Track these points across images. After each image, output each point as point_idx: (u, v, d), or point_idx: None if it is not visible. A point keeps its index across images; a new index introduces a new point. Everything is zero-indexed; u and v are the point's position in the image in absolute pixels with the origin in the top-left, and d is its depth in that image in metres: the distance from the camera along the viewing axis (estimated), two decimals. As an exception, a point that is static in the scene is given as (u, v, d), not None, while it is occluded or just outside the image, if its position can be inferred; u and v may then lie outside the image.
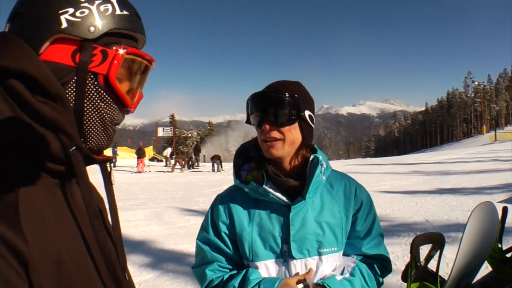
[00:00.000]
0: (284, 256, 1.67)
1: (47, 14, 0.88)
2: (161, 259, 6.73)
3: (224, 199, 1.82)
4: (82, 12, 0.90)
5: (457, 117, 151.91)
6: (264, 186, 1.66)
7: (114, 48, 0.95)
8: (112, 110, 0.98)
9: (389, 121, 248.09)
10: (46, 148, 0.85)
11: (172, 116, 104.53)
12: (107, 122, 0.97)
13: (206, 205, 12.29)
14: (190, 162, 32.03)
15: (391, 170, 23.09)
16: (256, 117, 1.68)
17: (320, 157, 1.71)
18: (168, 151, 35.58)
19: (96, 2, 0.92)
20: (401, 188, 14.35)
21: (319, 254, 1.68)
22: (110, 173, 1.07)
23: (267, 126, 1.64)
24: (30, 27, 0.89)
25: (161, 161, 39.82)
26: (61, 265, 0.81)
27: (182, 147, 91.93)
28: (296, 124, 1.66)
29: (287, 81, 1.74)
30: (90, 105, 0.93)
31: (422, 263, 1.76)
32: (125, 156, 41.01)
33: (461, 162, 26.21)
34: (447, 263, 4.82)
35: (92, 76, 0.93)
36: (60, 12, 0.88)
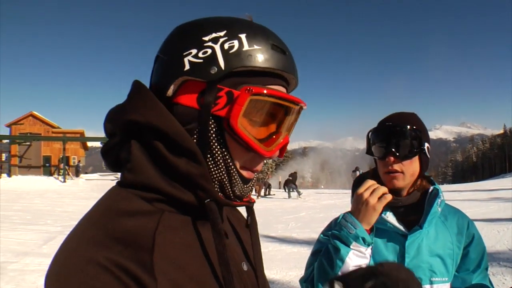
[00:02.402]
0: None
1: (174, 56, 0.87)
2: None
3: None
4: (204, 53, 0.85)
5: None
6: (383, 215, 1.69)
7: (241, 88, 0.85)
8: (239, 155, 0.90)
9: (467, 145, 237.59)
10: (181, 201, 0.85)
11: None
12: (230, 163, 0.89)
13: (284, 232, 12.26)
14: (268, 190, 31.99)
15: (471, 197, 22.06)
16: (380, 149, 1.75)
17: (439, 189, 1.75)
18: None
19: (221, 40, 0.86)
20: (482, 216, 13.63)
21: (431, 283, 1.70)
22: (249, 217, 1.04)
23: (391, 159, 1.70)
24: (161, 72, 0.89)
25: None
26: None
27: (258, 174, 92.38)
28: (416, 157, 1.72)
29: (406, 113, 1.81)
30: (215, 152, 0.88)
31: None
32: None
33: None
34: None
35: (216, 119, 0.87)
36: (184, 54, 0.86)
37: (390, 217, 1.73)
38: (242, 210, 1.10)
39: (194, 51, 0.85)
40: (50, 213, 16.70)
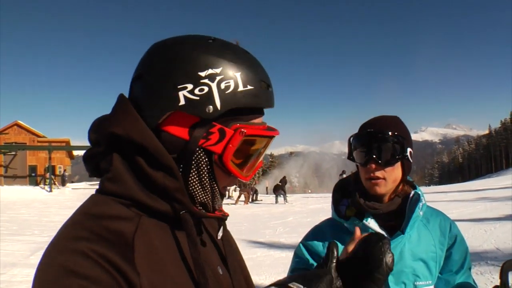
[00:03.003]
0: None
1: (166, 87, 0.89)
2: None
3: (323, 230, 1.88)
4: (201, 90, 0.88)
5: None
6: (364, 221, 1.70)
7: (232, 126, 0.91)
8: (223, 181, 0.98)
9: (452, 146, 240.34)
10: (158, 211, 0.90)
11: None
12: (216, 188, 0.97)
13: (272, 237, 12.27)
14: (255, 195, 32.09)
15: (457, 198, 22.48)
16: (361, 155, 1.73)
17: (420, 193, 1.74)
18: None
19: (218, 78, 0.89)
20: (469, 216, 13.90)
21: (415, 287, 1.70)
22: (221, 227, 1.10)
23: (373, 166, 1.68)
24: (149, 97, 0.91)
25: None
26: None
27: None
28: (399, 163, 1.70)
29: (388, 117, 1.79)
30: (201, 177, 0.94)
31: None
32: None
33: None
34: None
35: (206, 153, 0.92)
36: (179, 87, 0.88)
37: (371, 223, 1.72)
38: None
39: (190, 87, 0.88)
40: (37, 223, 16.52)
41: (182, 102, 0.88)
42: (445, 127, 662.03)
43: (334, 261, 1.04)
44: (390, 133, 1.68)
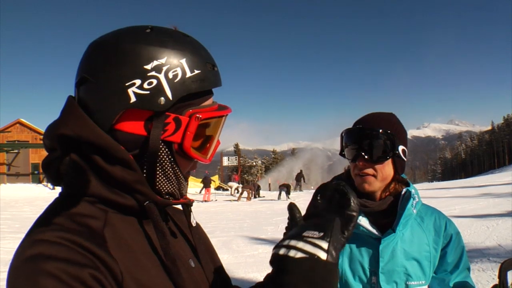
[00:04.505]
0: None
1: (115, 87, 0.88)
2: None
3: None
4: (150, 83, 0.88)
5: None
6: None
7: (186, 112, 0.93)
8: (185, 167, 1.00)
9: (455, 142, 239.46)
10: (123, 205, 0.91)
11: (237, 145, 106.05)
12: (180, 176, 0.99)
13: (274, 234, 12.25)
14: (258, 192, 32.20)
15: (460, 194, 22.32)
16: (351, 151, 1.71)
17: (413, 191, 1.72)
18: (234, 184, 35.74)
19: (164, 69, 0.89)
20: (471, 212, 13.81)
21: (407, 286, 1.69)
22: (189, 215, 1.11)
23: (362, 162, 1.68)
24: (99, 99, 0.90)
25: (227, 190, 40.21)
26: None
27: (247, 176, 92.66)
28: (389, 160, 1.69)
29: (382, 114, 1.77)
30: (164, 169, 0.95)
31: None
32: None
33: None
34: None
35: (166, 144, 0.93)
36: (127, 84, 0.87)
37: (363, 221, 1.70)
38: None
39: (138, 82, 0.87)
40: (39, 221, 16.43)
41: (133, 99, 0.87)
42: (448, 123, 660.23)
43: (298, 217, 0.99)
44: (380, 130, 1.66)
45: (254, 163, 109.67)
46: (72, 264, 0.74)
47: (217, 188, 42.16)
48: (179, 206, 1.17)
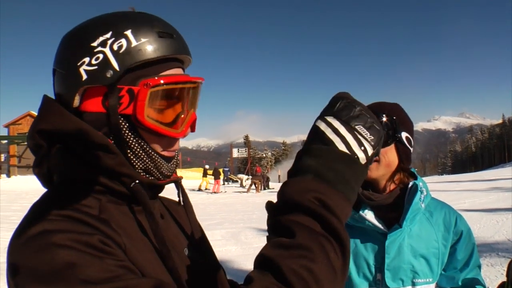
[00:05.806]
0: (377, 285, 1.64)
1: (70, 68, 0.90)
2: (238, 279, 6.67)
3: None
4: (97, 59, 0.88)
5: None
6: (360, 212, 1.63)
7: (140, 83, 0.90)
8: (157, 143, 0.96)
9: (465, 136, 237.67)
10: (112, 190, 0.90)
11: (246, 137, 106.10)
12: (151, 152, 0.95)
13: (282, 225, 12.26)
14: (267, 183, 32.25)
15: (470, 187, 22.29)
16: None
17: (420, 184, 1.65)
18: (244, 177, 35.68)
19: (109, 42, 0.88)
20: (481, 206, 13.74)
21: (413, 284, 1.64)
22: (179, 192, 1.12)
23: None
24: (61, 84, 0.93)
25: (236, 181, 40.26)
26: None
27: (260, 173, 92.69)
28: (392, 146, 1.64)
29: (385, 102, 1.73)
30: (130, 145, 0.93)
31: None
32: (189, 177, 40.93)
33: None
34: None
35: (125, 117, 0.92)
36: (78, 64, 0.88)
37: (368, 215, 1.65)
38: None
39: (86, 60, 0.88)
40: (49, 212, 16.57)
41: (84, 77, 0.88)
42: (459, 116, 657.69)
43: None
44: (384, 115, 1.62)
45: (264, 155, 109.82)
46: (79, 234, 0.75)
47: (227, 180, 42.17)
48: (175, 198, 1.17)
